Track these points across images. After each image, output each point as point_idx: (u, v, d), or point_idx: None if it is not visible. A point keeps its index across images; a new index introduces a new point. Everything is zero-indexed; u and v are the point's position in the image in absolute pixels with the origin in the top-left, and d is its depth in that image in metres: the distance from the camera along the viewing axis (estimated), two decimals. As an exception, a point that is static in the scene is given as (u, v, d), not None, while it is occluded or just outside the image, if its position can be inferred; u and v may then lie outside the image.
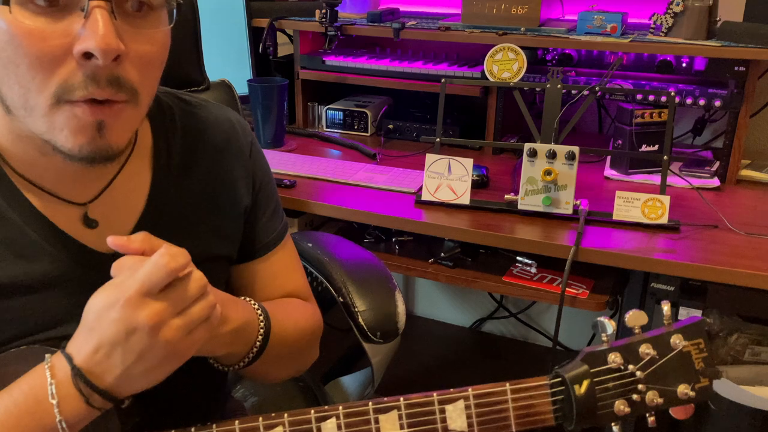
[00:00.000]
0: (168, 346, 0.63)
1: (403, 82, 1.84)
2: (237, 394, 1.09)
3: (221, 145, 0.86)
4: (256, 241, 0.91)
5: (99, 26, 0.60)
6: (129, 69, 0.64)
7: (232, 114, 0.91)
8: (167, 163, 0.81)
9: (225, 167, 0.86)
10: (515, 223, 1.41)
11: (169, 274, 0.61)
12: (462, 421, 0.69)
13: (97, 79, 0.62)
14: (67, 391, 0.63)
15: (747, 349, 1.30)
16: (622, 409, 0.69)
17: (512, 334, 2.31)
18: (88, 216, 0.74)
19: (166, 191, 0.80)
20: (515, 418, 0.69)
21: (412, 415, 0.69)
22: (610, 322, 0.72)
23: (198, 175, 0.83)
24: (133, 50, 0.64)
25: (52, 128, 0.64)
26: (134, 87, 0.65)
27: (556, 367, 0.71)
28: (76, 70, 0.61)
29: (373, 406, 0.69)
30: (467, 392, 0.70)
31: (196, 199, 0.82)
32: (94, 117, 0.63)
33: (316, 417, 0.68)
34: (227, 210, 0.85)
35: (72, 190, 0.73)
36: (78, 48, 0.60)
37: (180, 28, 1.31)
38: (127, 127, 0.68)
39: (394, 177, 1.62)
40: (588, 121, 1.98)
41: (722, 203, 1.50)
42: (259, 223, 0.91)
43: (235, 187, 0.86)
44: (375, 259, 1.23)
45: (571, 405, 0.69)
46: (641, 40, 1.60)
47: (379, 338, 1.08)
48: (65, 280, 0.72)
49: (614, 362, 0.70)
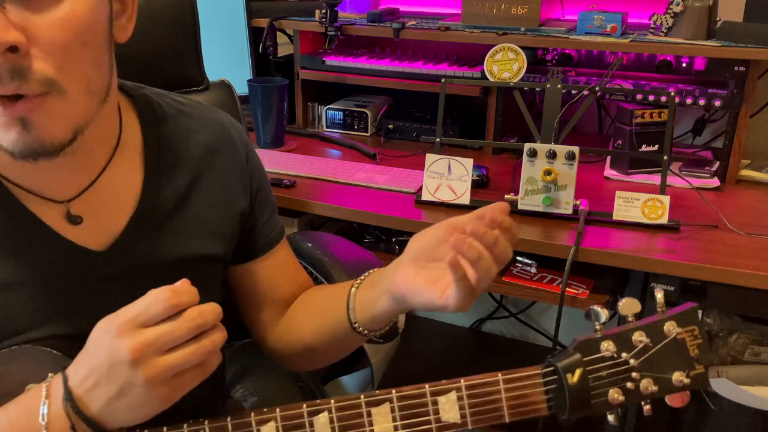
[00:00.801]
0: (149, 384, 0.60)
1: (403, 82, 1.84)
2: (236, 394, 1.09)
3: (213, 146, 0.85)
4: (256, 241, 0.91)
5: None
6: (37, 60, 0.59)
7: (225, 117, 0.90)
8: (158, 161, 0.80)
9: (218, 168, 0.85)
10: (515, 223, 1.40)
11: (167, 309, 0.60)
12: (455, 412, 0.69)
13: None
14: (56, 413, 0.62)
15: (747, 349, 1.30)
16: (616, 398, 0.69)
17: (512, 334, 2.31)
18: (71, 213, 0.73)
19: (158, 190, 0.79)
20: (508, 408, 0.69)
21: (404, 407, 0.69)
22: (603, 311, 0.71)
23: (189, 174, 0.82)
24: (39, 37, 0.59)
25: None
26: (48, 77, 0.60)
27: (549, 356, 0.71)
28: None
29: (365, 399, 0.68)
30: (459, 383, 0.70)
31: (188, 198, 0.82)
32: (10, 115, 0.60)
33: (308, 411, 0.68)
34: (221, 210, 0.85)
35: (53, 187, 0.72)
36: None
37: (179, 28, 1.31)
38: (59, 118, 0.63)
39: (394, 177, 1.62)
40: (588, 121, 1.98)
41: (722, 203, 1.50)
42: (259, 225, 0.91)
43: (230, 188, 0.86)
44: (375, 259, 1.23)
45: (564, 394, 0.69)
46: (641, 40, 1.60)
47: (379, 338, 1.08)
48: (53, 277, 0.71)
49: (607, 350, 0.69)
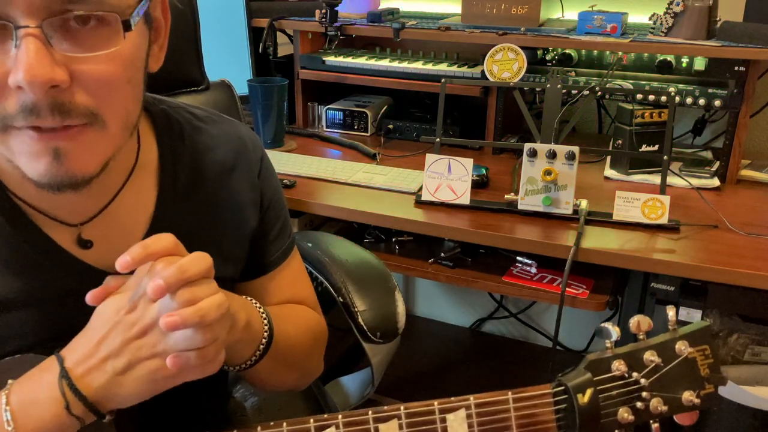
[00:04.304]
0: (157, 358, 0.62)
1: (403, 82, 1.84)
2: (237, 395, 1.09)
3: (230, 164, 0.83)
4: (264, 259, 0.89)
5: (26, 57, 0.55)
6: (80, 94, 0.59)
7: (244, 130, 0.88)
8: (173, 181, 0.78)
9: (233, 187, 0.83)
10: (515, 223, 1.41)
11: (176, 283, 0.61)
12: (463, 430, 0.68)
13: (36, 110, 0.57)
14: (50, 394, 0.62)
15: (747, 349, 1.30)
16: (625, 417, 0.68)
17: (512, 334, 2.31)
18: (82, 237, 0.72)
19: (171, 211, 0.78)
20: (517, 427, 0.68)
21: (412, 424, 0.68)
22: (615, 328, 0.70)
23: (204, 195, 0.81)
24: (83, 73, 0.58)
25: (11, 154, 0.61)
26: (90, 111, 0.60)
27: (559, 375, 0.70)
28: (12, 100, 0.57)
29: (372, 415, 0.68)
30: (469, 401, 0.69)
31: (202, 219, 0.80)
32: (45, 144, 0.59)
33: (316, 426, 0.67)
34: (233, 232, 0.83)
35: (65, 210, 0.71)
36: (10, 80, 0.56)
37: (180, 28, 1.31)
38: (94, 151, 0.62)
39: (394, 177, 1.62)
40: (588, 121, 1.98)
41: (722, 203, 1.50)
42: (267, 242, 0.89)
43: (243, 208, 0.84)
44: (375, 259, 1.23)
45: (574, 414, 0.68)
46: (641, 40, 1.60)
47: (379, 338, 1.08)
48: (65, 297, 0.70)
49: (618, 370, 0.69)
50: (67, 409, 0.62)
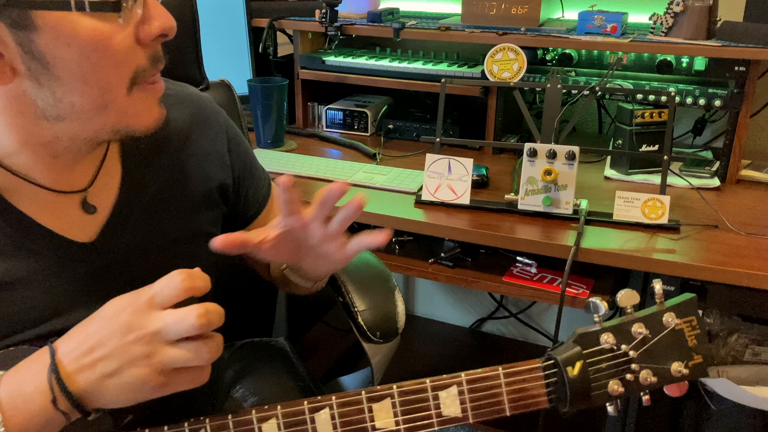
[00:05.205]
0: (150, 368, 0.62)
1: (403, 82, 1.84)
2: (236, 394, 1.09)
3: (189, 120, 0.87)
4: (248, 209, 0.95)
5: (157, 9, 0.65)
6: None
7: (202, 95, 0.92)
8: (135, 144, 0.81)
9: (197, 143, 0.87)
10: (515, 223, 1.41)
11: (182, 291, 0.62)
12: (456, 406, 0.69)
13: (159, 58, 0.68)
14: (38, 385, 0.62)
15: (747, 349, 1.30)
16: (616, 389, 0.69)
17: (512, 334, 2.31)
18: (87, 201, 0.75)
19: (138, 173, 0.80)
20: (509, 402, 0.69)
21: (405, 402, 0.69)
22: (603, 303, 0.72)
23: (169, 154, 0.84)
24: None
25: (126, 116, 0.67)
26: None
27: (548, 349, 0.71)
28: (141, 54, 0.66)
29: (366, 395, 0.68)
30: (460, 378, 0.70)
31: (170, 177, 0.83)
32: (158, 93, 0.70)
33: (310, 408, 0.68)
34: (203, 185, 0.86)
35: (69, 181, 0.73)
36: (151, 32, 0.65)
37: (180, 27, 1.31)
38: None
39: (394, 177, 1.62)
40: (588, 121, 1.98)
41: (722, 203, 1.50)
42: (249, 195, 0.94)
43: (208, 162, 0.87)
44: (375, 259, 1.23)
45: (565, 387, 0.69)
46: (641, 40, 1.60)
47: (379, 338, 1.08)
48: (47, 275, 0.71)
49: (607, 342, 0.70)
50: (53, 402, 0.62)
